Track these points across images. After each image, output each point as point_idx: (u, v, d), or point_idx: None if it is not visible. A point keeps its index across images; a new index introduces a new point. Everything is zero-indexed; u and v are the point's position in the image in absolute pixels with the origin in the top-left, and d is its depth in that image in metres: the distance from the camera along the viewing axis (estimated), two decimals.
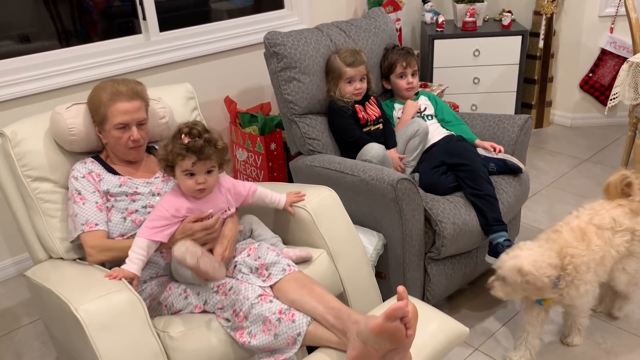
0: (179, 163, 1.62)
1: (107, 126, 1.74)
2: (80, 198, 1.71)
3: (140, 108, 1.76)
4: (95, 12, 2.92)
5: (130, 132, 1.74)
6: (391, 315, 1.27)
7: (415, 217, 2.02)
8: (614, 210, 1.86)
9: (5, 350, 2.24)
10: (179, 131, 1.62)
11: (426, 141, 2.37)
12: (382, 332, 1.30)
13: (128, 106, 1.72)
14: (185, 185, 1.64)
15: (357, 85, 2.34)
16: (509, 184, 2.29)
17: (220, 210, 1.72)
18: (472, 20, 3.59)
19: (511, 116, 2.47)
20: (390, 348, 1.34)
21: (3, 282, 2.68)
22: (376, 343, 1.33)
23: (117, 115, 1.71)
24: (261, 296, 1.54)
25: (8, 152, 1.77)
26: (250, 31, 3.18)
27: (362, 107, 2.38)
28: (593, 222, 1.82)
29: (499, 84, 3.67)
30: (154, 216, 1.64)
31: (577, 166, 3.44)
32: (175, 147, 1.61)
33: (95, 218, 1.70)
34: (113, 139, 1.75)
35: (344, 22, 2.59)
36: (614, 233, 1.83)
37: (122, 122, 1.72)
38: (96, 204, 1.72)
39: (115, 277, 1.51)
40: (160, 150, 1.67)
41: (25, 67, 2.54)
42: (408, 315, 1.30)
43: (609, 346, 2.05)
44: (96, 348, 1.37)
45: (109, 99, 1.72)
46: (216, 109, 3.18)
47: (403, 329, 1.30)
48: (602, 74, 3.79)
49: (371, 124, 2.38)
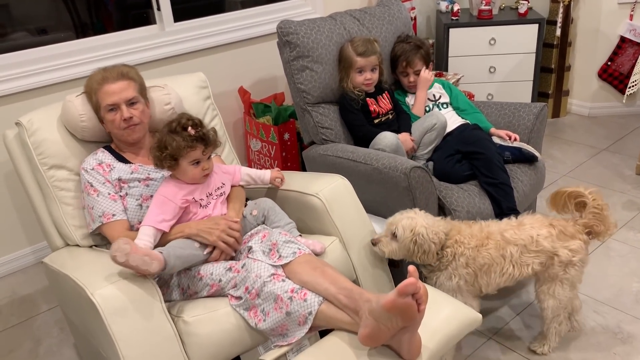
0: (189, 154, 1.67)
1: (102, 112, 1.77)
2: (93, 190, 1.74)
3: (127, 87, 1.77)
4: (111, 4, 2.94)
5: (119, 111, 1.76)
6: (403, 291, 1.28)
7: (429, 206, 2.01)
8: (540, 229, 1.78)
9: (24, 336, 2.28)
10: (179, 126, 1.67)
11: (442, 135, 2.35)
12: (394, 307, 1.30)
13: (114, 87, 1.75)
14: (193, 174, 1.71)
15: (367, 75, 2.33)
16: (525, 172, 2.27)
17: (216, 187, 1.80)
18: (488, 9, 3.54)
19: (527, 104, 2.44)
20: (402, 325, 1.34)
21: (22, 270, 2.73)
22: (388, 320, 1.33)
23: (105, 98, 1.75)
24: (274, 275, 1.55)
25: (25, 141, 1.79)
26: (264, 21, 3.18)
27: (374, 99, 2.37)
28: (505, 233, 1.77)
29: (515, 73, 3.62)
30: (153, 206, 1.69)
31: (594, 156, 3.40)
32: (181, 140, 1.65)
33: (111, 209, 1.73)
34: (109, 124, 1.78)
35: (358, 11, 2.58)
36: (525, 251, 1.76)
37: (110, 104, 1.75)
38: (109, 195, 1.75)
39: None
40: (156, 152, 1.69)
41: (42, 58, 2.57)
42: (420, 291, 1.31)
43: (625, 336, 2.03)
44: (112, 332, 1.40)
45: (97, 85, 1.76)
46: (230, 99, 3.19)
47: (415, 305, 1.31)
48: (621, 62, 3.72)
49: (382, 116, 2.36)
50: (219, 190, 1.82)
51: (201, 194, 1.76)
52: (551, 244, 1.77)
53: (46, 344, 2.23)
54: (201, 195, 1.76)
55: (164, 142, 1.67)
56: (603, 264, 2.43)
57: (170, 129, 1.68)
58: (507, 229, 1.79)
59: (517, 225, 1.81)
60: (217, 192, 1.81)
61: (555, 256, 1.78)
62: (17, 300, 2.51)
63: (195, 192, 1.75)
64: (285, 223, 1.82)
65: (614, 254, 2.49)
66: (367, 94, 2.36)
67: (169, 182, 1.75)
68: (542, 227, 1.80)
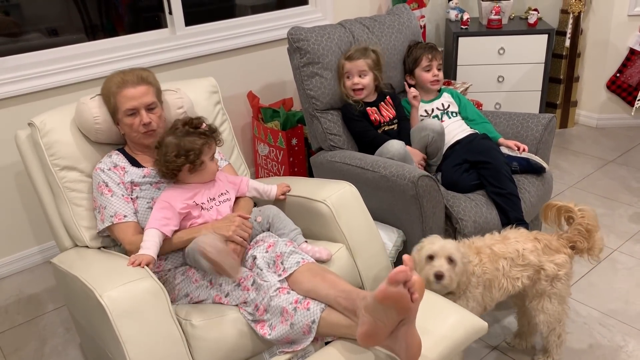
0: (209, 150, 1.76)
1: (119, 115, 1.79)
2: (108, 190, 1.75)
3: (147, 92, 1.79)
4: (122, 6, 2.96)
5: (139, 116, 1.78)
6: (394, 278, 1.25)
7: (436, 215, 2.02)
8: (525, 243, 1.77)
9: (30, 335, 2.30)
10: (191, 126, 1.74)
11: (444, 140, 2.36)
12: (386, 297, 1.27)
13: (134, 92, 1.76)
14: (212, 170, 1.80)
15: (355, 79, 2.33)
16: (532, 183, 2.27)
17: (219, 192, 1.84)
18: (497, 18, 3.55)
19: (535, 115, 2.45)
20: (398, 319, 1.32)
21: (29, 270, 2.74)
22: (383, 313, 1.31)
23: (125, 102, 1.76)
24: (279, 289, 1.56)
25: (37, 142, 1.81)
26: (274, 27, 3.20)
27: (375, 108, 2.37)
28: (493, 247, 1.75)
29: (523, 82, 3.63)
30: (156, 211, 1.71)
31: (601, 167, 3.39)
32: (197, 139, 1.72)
33: (123, 210, 1.74)
34: (127, 127, 1.80)
35: (368, 19, 2.59)
36: (514, 265, 1.74)
37: (131, 108, 1.76)
38: (123, 196, 1.76)
39: (139, 264, 1.55)
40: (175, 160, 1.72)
41: (54, 59, 2.60)
42: (411, 278, 1.27)
43: (631, 349, 2.02)
44: (119, 334, 1.41)
45: (117, 88, 1.77)
46: (239, 104, 3.20)
47: (407, 295, 1.28)
48: (630, 74, 3.72)
49: (385, 125, 2.37)
50: (223, 196, 1.84)
51: (203, 197, 1.78)
52: (537, 258, 1.76)
53: (52, 344, 2.24)
54: (203, 199, 1.78)
55: (184, 147, 1.72)
56: (609, 276, 2.42)
57: (186, 133, 1.74)
58: (494, 243, 1.77)
59: (502, 239, 1.80)
60: (221, 198, 1.83)
61: (541, 270, 1.77)
62: (24, 299, 2.53)
63: (197, 195, 1.77)
64: (290, 230, 1.83)
65: (620, 266, 2.48)
66: (367, 103, 2.36)
67: (171, 188, 1.78)
68: (527, 241, 1.78)
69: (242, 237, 1.71)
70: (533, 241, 1.79)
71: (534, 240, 1.79)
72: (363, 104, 2.36)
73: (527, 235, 1.81)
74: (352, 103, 2.35)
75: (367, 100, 2.37)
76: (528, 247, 1.77)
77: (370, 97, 2.39)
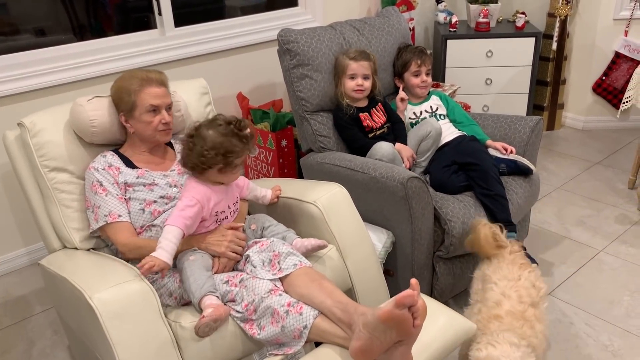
0: (244, 152, 1.69)
1: (136, 112, 1.78)
2: (102, 189, 1.75)
3: (167, 94, 1.83)
4: (111, 7, 2.95)
5: (161, 115, 1.80)
6: (400, 302, 1.27)
7: (425, 216, 2.04)
8: (520, 270, 1.71)
9: (18, 337, 2.28)
10: (236, 127, 1.66)
11: (438, 142, 2.38)
12: (390, 319, 1.29)
13: (159, 91, 1.79)
14: (237, 175, 1.77)
15: (359, 81, 2.33)
16: (519, 185, 2.30)
17: (234, 200, 1.81)
18: (485, 21, 3.59)
19: (523, 117, 2.48)
20: (396, 339, 1.33)
21: (17, 271, 2.72)
22: (382, 332, 1.32)
23: (149, 99, 1.77)
24: (271, 290, 1.56)
25: (27, 142, 1.80)
26: (264, 28, 3.21)
27: (367, 114, 2.38)
28: (523, 299, 1.63)
29: (511, 85, 3.66)
30: (187, 207, 1.63)
31: (588, 169, 3.44)
32: (239, 142, 1.66)
33: (118, 209, 1.74)
34: (143, 124, 1.79)
35: (358, 21, 2.61)
36: (540, 301, 1.66)
37: (154, 105, 1.78)
38: (117, 196, 1.76)
39: (149, 267, 1.51)
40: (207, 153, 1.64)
41: (42, 60, 2.58)
42: (417, 304, 1.29)
43: (616, 348, 2.05)
44: (109, 336, 1.40)
45: (140, 85, 1.77)
46: (229, 105, 3.20)
47: (410, 319, 1.30)
48: (616, 77, 3.77)
49: (376, 130, 2.38)
50: (235, 206, 1.82)
51: (224, 205, 1.75)
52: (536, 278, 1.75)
53: (40, 346, 2.23)
54: (223, 207, 1.75)
55: (229, 145, 1.64)
56: (595, 277, 2.46)
57: (230, 134, 1.65)
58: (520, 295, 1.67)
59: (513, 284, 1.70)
60: (233, 208, 1.80)
61: None
62: (11, 301, 2.51)
63: (220, 203, 1.72)
64: (284, 230, 1.84)
65: (605, 267, 2.52)
66: (360, 109, 2.38)
67: (200, 184, 1.70)
68: (518, 269, 1.75)
69: (235, 251, 1.70)
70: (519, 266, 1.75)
71: (521, 266, 1.75)
72: (355, 109, 2.36)
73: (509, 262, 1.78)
74: (345, 106, 2.35)
75: (359, 106, 2.38)
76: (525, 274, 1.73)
77: (363, 102, 2.40)
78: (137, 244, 1.71)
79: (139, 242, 1.72)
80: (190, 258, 1.64)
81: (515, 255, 1.81)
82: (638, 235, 2.73)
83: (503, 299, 1.64)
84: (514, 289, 1.67)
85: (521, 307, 1.62)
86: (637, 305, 2.27)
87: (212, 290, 1.56)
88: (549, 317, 2.22)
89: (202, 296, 1.54)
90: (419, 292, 1.31)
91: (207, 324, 1.47)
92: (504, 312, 1.60)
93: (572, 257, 2.60)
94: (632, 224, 2.83)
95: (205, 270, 1.62)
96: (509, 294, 1.66)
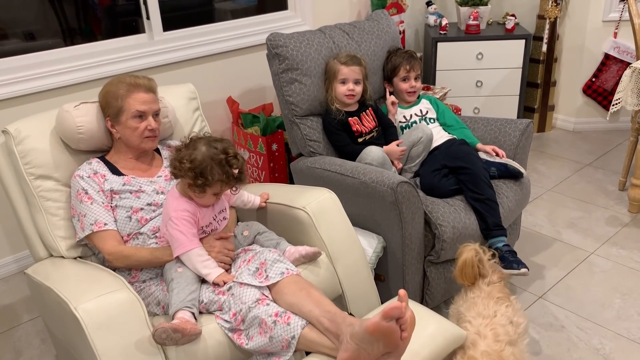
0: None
1: (123, 117, 1.77)
2: (87, 198, 1.73)
3: (155, 100, 1.82)
4: (100, 10, 2.93)
5: (147, 121, 1.78)
6: (388, 313, 1.25)
7: (415, 220, 2.03)
8: (496, 306, 1.65)
9: (4, 347, 2.25)
10: (226, 161, 1.63)
11: (429, 148, 2.38)
12: (377, 330, 1.27)
13: (146, 97, 1.78)
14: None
15: (350, 86, 2.33)
16: (510, 188, 2.29)
17: (220, 208, 1.79)
18: (475, 24, 3.59)
19: (513, 120, 2.47)
20: (383, 351, 1.32)
21: (4, 279, 2.69)
22: (369, 344, 1.31)
23: (136, 104, 1.76)
24: (259, 300, 1.55)
25: (11, 150, 1.78)
26: (254, 32, 3.19)
27: (357, 118, 2.38)
28: (500, 338, 1.57)
29: (501, 87, 3.67)
30: (189, 226, 1.67)
31: (578, 171, 3.44)
32: (222, 175, 1.63)
33: (104, 218, 1.72)
34: (129, 130, 1.78)
35: (347, 24, 2.60)
36: (519, 339, 1.61)
37: (141, 110, 1.76)
38: (103, 204, 1.73)
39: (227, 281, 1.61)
40: (189, 171, 1.62)
41: (30, 64, 2.55)
42: (405, 316, 1.28)
43: (607, 352, 2.05)
44: (94, 347, 1.38)
45: (127, 90, 1.76)
46: (218, 109, 3.18)
47: (398, 331, 1.28)
48: (605, 79, 3.78)
49: (366, 135, 2.38)
50: (222, 214, 1.81)
51: (209, 218, 1.74)
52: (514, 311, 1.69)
53: (27, 355, 2.20)
54: (209, 219, 1.74)
55: (206, 170, 1.61)
56: (586, 280, 2.46)
57: (216, 161, 1.62)
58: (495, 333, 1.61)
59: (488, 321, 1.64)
60: (220, 216, 1.80)
61: None
62: None
63: (205, 218, 1.73)
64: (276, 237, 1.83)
65: (597, 269, 2.52)
66: (349, 113, 2.37)
67: (187, 202, 1.69)
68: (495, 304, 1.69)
69: (223, 262, 1.70)
70: (494, 300, 1.70)
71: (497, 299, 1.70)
72: (345, 113, 2.35)
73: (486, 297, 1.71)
74: (334, 111, 2.34)
75: (348, 110, 2.37)
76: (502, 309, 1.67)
77: (353, 107, 2.39)
78: (123, 252, 1.69)
79: (126, 250, 1.70)
80: (178, 270, 1.62)
81: (492, 288, 1.74)
82: (629, 237, 2.74)
83: (478, 338, 1.57)
84: (489, 327, 1.60)
85: (497, 347, 1.54)
86: (628, 307, 2.27)
87: (189, 307, 1.54)
88: (542, 320, 2.21)
89: (178, 310, 1.53)
90: (408, 304, 1.29)
91: (165, 329, 1.42)
92: (479, 354, 1.53)
93: (563, 259, 2.60)
94: (622, 226, 2.83)
95: (192, 284, 1.60)
96: (485, 332, 1.59)
